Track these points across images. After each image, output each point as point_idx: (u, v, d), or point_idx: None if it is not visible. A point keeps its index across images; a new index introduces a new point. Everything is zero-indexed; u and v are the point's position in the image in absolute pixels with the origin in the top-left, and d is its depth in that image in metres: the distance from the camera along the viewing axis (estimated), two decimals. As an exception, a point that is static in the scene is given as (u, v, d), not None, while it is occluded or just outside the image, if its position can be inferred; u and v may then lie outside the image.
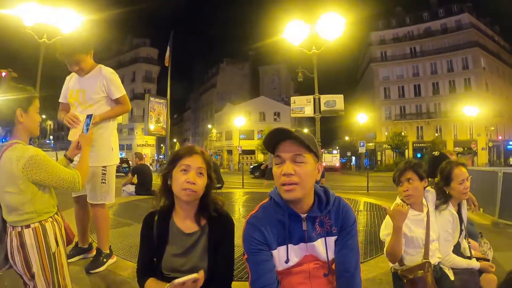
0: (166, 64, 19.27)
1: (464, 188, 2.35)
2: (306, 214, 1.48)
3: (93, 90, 2.84)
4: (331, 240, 1.51)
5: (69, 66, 2.85)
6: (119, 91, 2.91)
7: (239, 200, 8.20)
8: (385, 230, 2.17)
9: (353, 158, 56.94)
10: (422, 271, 2.04)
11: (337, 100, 13.98)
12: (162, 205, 1.74)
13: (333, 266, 1.52)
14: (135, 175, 8.25)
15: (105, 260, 2.84)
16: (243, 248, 1.49)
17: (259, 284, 1.43)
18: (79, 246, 3.09)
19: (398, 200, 2.19)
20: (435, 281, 2.08)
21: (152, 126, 20.46)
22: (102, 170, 2.84)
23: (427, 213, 2.23)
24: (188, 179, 1.60)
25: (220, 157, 57.20)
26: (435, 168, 2.57)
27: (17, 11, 9.57)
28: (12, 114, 1.84)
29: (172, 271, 1.64)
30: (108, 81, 2.86)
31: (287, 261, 1.47)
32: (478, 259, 2.40)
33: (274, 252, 1.48)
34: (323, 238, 1.49)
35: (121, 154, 52.37)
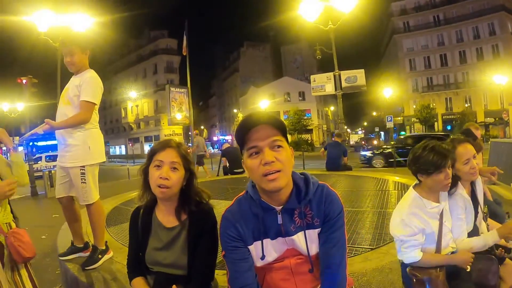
0: (184, 53, 19.39)
1: (471, 168, 2.09)
2: (282, 207, 1.35)
3: (72, 88, 2.86)
4: (314, 233, 1.38)
5: (64, 56, 2.90)
6: (88, 95, 2.82)
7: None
8: (403, 230, 1.89)
9: (382, 133, 55.68)
10: (434, 270, 1.83)
11: (358, 76, 13.57)
12: (147, 200, 1.74)
13: None
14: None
15: (100, 256, 2.87)
16: (221, 244, 1.42)
17: (237, 284, 1.36)
18: (74, 245, 3.18)
19: (413, 193, 1.97)
20: (450, 275, 1.86)
21: (179, 116, 20.70)
22: (81, 169, 2.84)
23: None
24: (161, 175, 1.57)
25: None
26: None
27: (31, 18, 9.75)
28: None
29: (155, 265, 1.66)
30: (84, 81, 2.83)
31: (263, 257, 1.38)
32: (497, 247, 2.14)
33: (251, 248, 1.39)
34: (303, 231, 1.37)
35: (150, 146, 53.94)
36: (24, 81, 12.57)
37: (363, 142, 35.50)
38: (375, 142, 33.33)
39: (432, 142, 1.91)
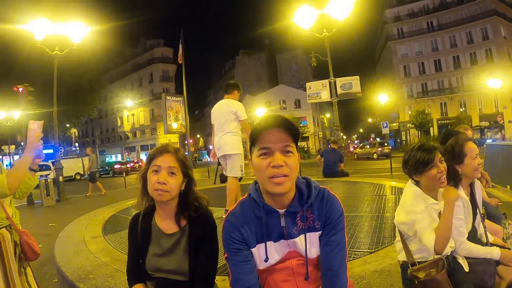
0: (180, 62, 19.37)
1: (478, 164, 2.16)
2: (285, 210, 1.37)
3: None
4: (315, 235, 1.40)
5: None
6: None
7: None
8: (405, 216, 1.92)
9: (378, 139, 55.89)
10: (435, 270, 1.83)
11: (353, 82, 13.65)
12: (146, 206, 1.73)
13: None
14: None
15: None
16: (223, 247, 1.43)
17: (239, 286, 1.37)
18: None
19: (414, 187, 1.98)
20: (448, 276, 1.86)
21: (175, 125, 20.69)
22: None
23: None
24: (159, 180, 1.58)
25: (244, 149, 57.38)
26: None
27: (28, 27, 9.76)
28: None
29: (156, 271, 1.65)
30: None
31: (266, 260, 1.40)
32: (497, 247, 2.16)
33: (254, 250, 1.40)
34: (304, 234, 1.39)
35: (145, 155, 53.84)
36: (20, 89, 12.56)
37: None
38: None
39: (420, 142, 1.98)
